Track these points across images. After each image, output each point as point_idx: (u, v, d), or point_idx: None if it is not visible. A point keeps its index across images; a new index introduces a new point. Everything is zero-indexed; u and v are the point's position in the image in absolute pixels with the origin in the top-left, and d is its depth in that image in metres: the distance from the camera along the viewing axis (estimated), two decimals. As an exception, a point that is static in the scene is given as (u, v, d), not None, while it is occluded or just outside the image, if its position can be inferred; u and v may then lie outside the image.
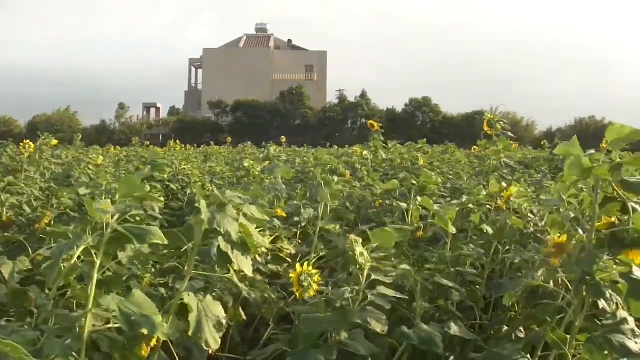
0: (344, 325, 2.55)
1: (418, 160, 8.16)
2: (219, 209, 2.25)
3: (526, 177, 6.89)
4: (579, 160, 2.17)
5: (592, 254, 2.20)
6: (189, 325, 2.12)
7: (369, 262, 2.68)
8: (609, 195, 2.25)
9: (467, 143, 21.31)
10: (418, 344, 2.55)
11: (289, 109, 67.64)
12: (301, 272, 2.63)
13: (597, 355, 2.11)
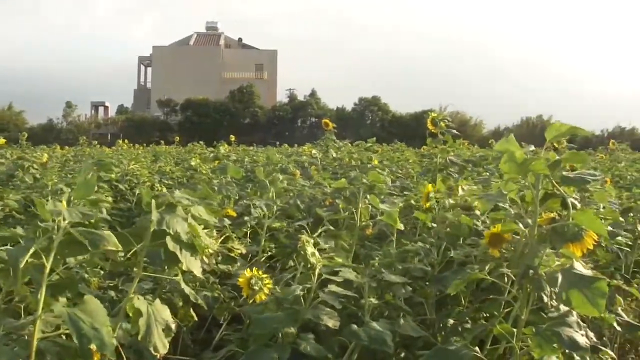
0: (296, 324, 2.56)
1: (371, 160, 8.21)
2: (167, 209, 2.24)
3: (474, 175, 6.98)
4: (514, 155, 2.22)
5: (535, 249, 2.25)
6: (136, 327, 2.10)
7: (320, 262, 2.70)
8: (549, 192, 2.31)
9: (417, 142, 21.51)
10: (368, 343, 2.57)
11: (239, 108, 67.31)
12: (251, 276, 2.64)
13: (546, 349, 2.16)
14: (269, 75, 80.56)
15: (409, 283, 3.18)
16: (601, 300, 2.11)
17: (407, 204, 4.21)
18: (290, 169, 7.00)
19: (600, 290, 2.12)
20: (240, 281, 2.67)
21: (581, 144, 18.21)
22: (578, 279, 2.15)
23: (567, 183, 2.23)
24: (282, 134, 59.30)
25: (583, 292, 2.12)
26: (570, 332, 2.17)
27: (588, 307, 2.12)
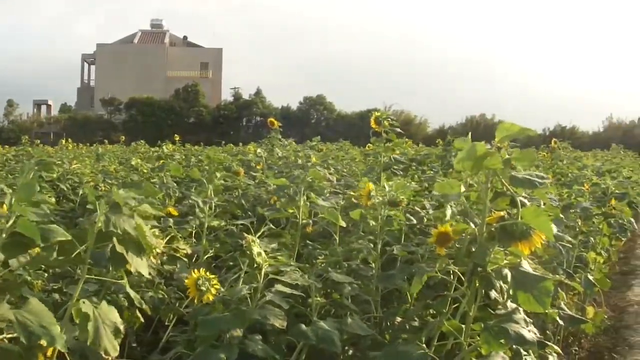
0: (243, 324, 2.54)
1: (311, 158, 8.22)
2: (113, 209, 2.19)
3: (419, 174, 7.04)
4: (473, 149, 2.24)
5: (483, 247, 2.28)
6: (85, 332, 2.05)
7: (266, 261, 2.68)
8: (498, 190, 2.33)
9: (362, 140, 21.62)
10: (316, 342, 2.57)
11: (184, 107, 66.75)
12: (198, 277, 2.61)
13: (493, 344, 2.18)
14: (214, 74, 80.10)
15: (355, 282, 3.19)
16: (547, 298, 2.16)
17: (349, 202, 4.23)
18: (234, 168, 6.96)
19: (547, 289, 2.17)
20: (187, 282, 2.64)
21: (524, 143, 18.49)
22: (525, 278, 2.20)
23: (516, 184, 2.25)
24: (228, 133, 59.02)
25: (530, 291, 2.16)
26: (517, 327, 2.19)
27: (534, 305, 2.16)
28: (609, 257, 6.76)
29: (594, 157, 17.91)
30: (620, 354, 5.53)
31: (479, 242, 2.34)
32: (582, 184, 6.84)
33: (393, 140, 5.60)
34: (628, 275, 8.87)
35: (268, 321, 2.56)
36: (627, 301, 7.42)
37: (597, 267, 5.61)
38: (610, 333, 6.11)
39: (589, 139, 65.80)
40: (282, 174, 6.74)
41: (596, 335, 5.76)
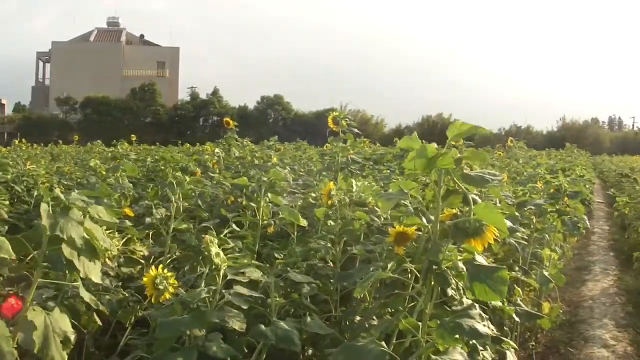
0: (202, 326, 2.52)
1: (270, 158, 8.21)
2: (62, 212, 2.14)
3: (375, 173, 7.08)
4: (424, 150, 2.26)
5: (437, 244, 2.30)
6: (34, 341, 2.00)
7: (224, 262, 2.67)
8: (450, 188, 2.36)
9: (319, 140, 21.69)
10: (276, 342, 2.57)
11: (140, 106, 65.93)
12: (155, 275, 2.57)
13: (448, 339, 2.20)
14: (170, 73, 79.28)
15: (314, 281, 3.20)
16: (503, 287, 2.20)
17: (306, 202, 4.24)
18: (190, 168, 6.90)
19: (502, 279, 2.21)
20: (144, 280, 2.60)
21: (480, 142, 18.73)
22: (480, 270, 2.23)
23: (468, 182, 2.29)
24: (185, 132, 58.51)
25: (486, 282, 2.19)
26: (472, 322, 2.22)
27: (491, 295, 2.20)
28: (563, 254, 6.87)
29: (548, 156, 18.22)
30: (576, 347, 5.63)
31: (432, 240, 2.36)
32: (536, 182, 6.95)
33: (350, 140, 5.62)
34: (582, 271, 9.04)
35: (227, 324, 2.56)
36: (581, 296, 7.55)
37: (552, 264, 5.70)
38: (565, 327, 6.23)
39: (543, 138, 66.95)
40: (239, 174, 6.73)
41: (552, 330, 5.86)
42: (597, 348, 5.56)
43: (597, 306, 7.00)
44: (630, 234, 10.17)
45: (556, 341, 5.82)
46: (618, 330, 6.09)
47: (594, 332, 6.02)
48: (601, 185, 24.80)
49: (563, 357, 5.47)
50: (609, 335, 5.90)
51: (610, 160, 35.23)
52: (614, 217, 14.23)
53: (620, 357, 5.36)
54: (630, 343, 5.77)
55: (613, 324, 6.31)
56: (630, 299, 7.44)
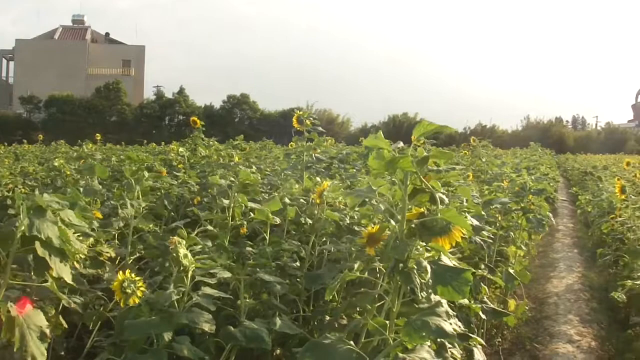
0: (171, 328, 2.51)
1: (234, 158, 8.18)
2: (37, 213, 2.14)
3: (342, 172, 7.09)
4: (382, 152, 2.28)
5: (404, 243, 2.32)
6: (9, 338, 1.99)
7: (193, 263, 2.66)
8: (417, 187, 2.38)
9: (285, 139, 21.68)
10: (245, 343, 2.57)
11: (106, 105, 65.14)
12: (123, 279, 2.56)
13: (415, 338, 2.20)
14: (136, 72, 78.55)
15: (284, 281, 3.20)
16: (466, 287, 2.23)
17: (280, 201, 4.23)
18: (156, 167, 6.86)
19: (466, 280, 2.23)
20: (113, 285, 2.59)
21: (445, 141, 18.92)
22: (445, 270, 2.25)
23: (434, 179, 2.31)
24: (150, 132, 58.06)
25: (450, 282, 2.21)
26: (438, 321, 2.24)
27: (454, 294, 2.22)
28: (528, 251, 6.96)
29: (513, 154, 18.39)
30: (542, 343, 5.70)
31: (399, 239, 2.38)
32: (501, 180, 7.02)
33: (315, 139, 5.63)
34: (547, 268, 9.14)
35: (196, 325, 2.55)
36: (546, 293, 7.64)
37: (517, 261, 5.77)
38: (531, 324, 6.30)
39: (508, 137, 67.52)
40: (204, 173, 6.70)
41: (518, 327, 5.93)
42: (563, 343, 5.64)
43: (562, 302, 7.09)
44: (594, 231, 10.30)
45: (522, 337, 5.89)
46: (583, 326, 6.18)
47: (559, 327, 6.11)
48: (565, 184, 25.11)
49: (529, 353, 5.54)
50: (574, 331, 5.98)
51: (574, 159, 35.64)
52: (578, 215, 14.41)
53: (584, 352, 5.44)
54: (594, 338, 5.86)
55: (578, 319, 6.40)
56: (594, 295, 7.55)
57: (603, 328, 6.31)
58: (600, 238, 9.31)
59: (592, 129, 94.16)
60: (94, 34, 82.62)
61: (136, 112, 66.52)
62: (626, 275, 6.13)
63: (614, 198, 8.90)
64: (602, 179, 13.43)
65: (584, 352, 5.44)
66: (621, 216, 7.90)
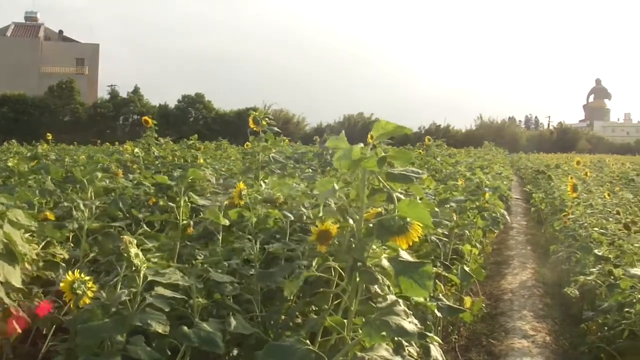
0: (124, 330, 2.48)
1: (196, 158, 8.13)
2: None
3: (298, 172, 7.09)
4: (349, 152, 2.28)
5: (362, 242, 2.32)
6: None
7: (144, 263, 2.62)
8: (375, 187, 2.39)
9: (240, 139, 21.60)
10: (199, 344, 2.55)
11: (59, 104, 64.14)
12: (73, 279, 2.51)
13: (375, 337, 2.20)
14: (90, 71, 77.59)
15: (237, 281, 3.18)
16: (429, 282, 2.22)
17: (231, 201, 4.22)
18: (112, 168, 6.78)
19: (427, 273, 2.23)
20: (62, 286, 2.53)
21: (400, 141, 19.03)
22: (405, 266, 2.25)
23: (393, 179, 2.32)
24: (104, 131, 57.44)
25: (412, 277, 2.21)
26: (398, 320, 2.23)
27: (417, 289, 2.22)
28: (483, 249, 7.03)
29: (467, 154, 18.60)
30: (497, 339, 5.78)
31: (357, 238, 2.38)
32: (456, 179, 7.09)
33: (270, 139, 5.63)
34: (502, 265, 9.26)
35: (150, 326, 2.52)
36: (501, 289, 7.74)
37: (472, 259, 5.83)
38: (487, 320, 6.38)
39: (462, 137, 68.35)
40: (160, 174, 6.64)
41: (474, 323, 5.99)
42: (518, 339, 5.71)
43: (516, 299, 7.18)
44: (547, 228, 10.47)
45: (478, 333, 5.95)
46: (537, 321, 6.27)
47: (514, 323, 6.18)
48: (519, 182, 25.48)
49: (485, 348, 5.60)
50: (529, 326, 6.07)
51: (527, 158, 36.21)
52: (531, 213, 14.63)
53: (539, 346, 5.52)
54: (548, 333, 5.95)
55: (532, 315, 6.49)
56: (547, 290, 7.66)
57: (557, 323, 6.41)
58: (553, 235, 9.45)
59: (545, 129, 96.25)
60: (47, 32, 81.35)
61: (90, 112, 65.73)
62: (579, 271, 6.23)
63: (566, 196, 9.05)
64: (553, 178, 13.64)
65: (538, 346, 5.52)
66: (573, 213, 8.05)
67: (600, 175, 15.72)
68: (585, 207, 8.12)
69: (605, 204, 8.60)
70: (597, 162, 26.44)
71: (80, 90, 67.61)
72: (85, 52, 78.77)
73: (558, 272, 7.82)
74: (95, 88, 76.13)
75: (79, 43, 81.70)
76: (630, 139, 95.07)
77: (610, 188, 11.53)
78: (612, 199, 9.55)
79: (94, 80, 77.37)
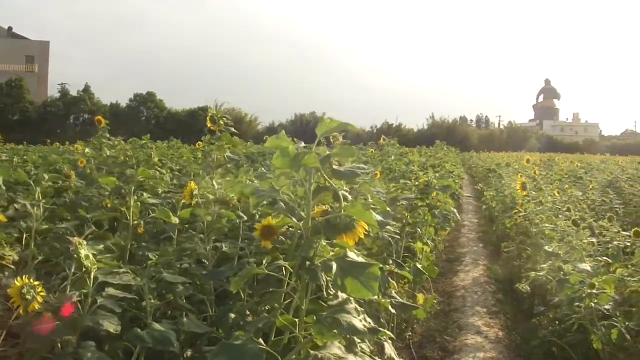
0: (75, 332, 2.45)
1: (150, 157, 8.07)
2: None
3: (251, 171, 7.08)
4: (287, 150, 2.29)
5: (309, 241, 2.32)
6: None
7: (95, 265, 2.60)
8: (321, 185, 2.40)
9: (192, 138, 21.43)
10: (153, 345, 2.53)
11: (7, 103, 62.83)
12: (22, 284, 2.46)
13: (327, 335, 2.22)
14: (40, 68, 76.11)
15: (188, 281, 3.17)
16: (374, 283, 2.23)
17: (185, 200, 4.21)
18: (65, 170, 6.68)
19: (373, 275, 2.24)
20: (10, 291, 2.48)
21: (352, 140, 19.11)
22: (352, 266, 2.26)
23: (338, 176, 2.33)
24: (54, 131, 56.39)
25: (358, 278, 2.22)
26: (349, 318, 2.25)
27: (363, 291, 2.22)
28: (435, 246, 7.11)
29: (419, 153, 18.75)
30: (451, 335, 5.85)
31: (304, 236, 2.38)
32: (408, 178, 7.15)
33: (225, 138, 5.61)
34: (454, 262, 9.38)
35: (102, 327, 2.49)
36: (454, 286, 7.84)
37: (424, 256, 5.89)
38: (440, 317, 6.45)
39: (414, 136, 68.95)
40: (111, 174, 6.56)
41: (428, 320, 6.06)
42: (471, 335, 5.79)
43: (469, 295, 7.28)
44: (498, 225, 10.61)
45: (432, 330, 6.02)
46: (490, 317, 6.37)
47: (467, 319, 6.27)
48: (470, 180, 25.83)
49: (439, 345, 5.66)
50: (482, 322, 6.16)
51: (478, 157, 36.66)
52: (482, 210, 14.82)
53: (492, 341, 5.61)
54: (501, 328, 6.05)
55: (485, 311, 6.59)
56: (499, 287, 7.78)
57: (509, 318, 6.52)
58: (504, 232, 9.60)
59: (496, 128, 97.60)
60: (-5, 28, 79.55)
61: (40, 111, 64.56)
62: (530, 267, 6.36)
63: (516, 194, 9.19)
64: (504, 176, 13.84)
65: (491, 342, 5.61)
66: (524, 211, 8.18)
67: (550, 174, 15.99)
68: (535, 204, 8.26)
69: (554, 202, 8.76)
70: (546, 160, 26.90)
71: (29, 88, 66.37)
72: (35, 49, 77.24)
73: (509, 268, 7.95)
74: (45, 86, 74.79)
75: (28, 40, 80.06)
76: (579, 138, 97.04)
77: (559, 186, 11.75)
78: (562, 197, 9.74)
79: (44, 79, 75.97)
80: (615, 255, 5.46)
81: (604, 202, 10.91)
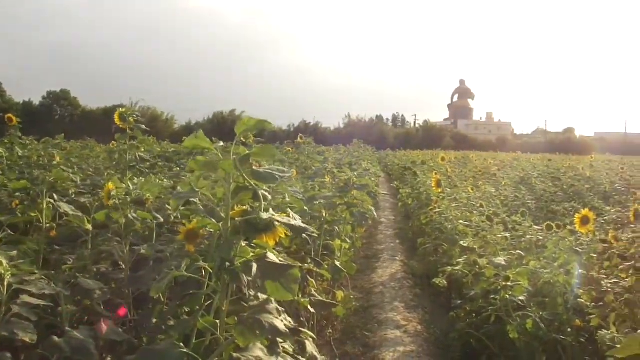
0: (-12, 343, 2.36)
1: (54, 157, 7.82)
2: None
3: (166, 171, 6.98)
4: (206, 152, 2.27)
5: (229, 241, 2.30)
6: None
7: (9, 271, 2.51)
8: (240, 185, 2.38)
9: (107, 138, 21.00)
10: (71, 354, 2.46)
11: None
12: None
13: (249, 337, 2.22)
14: (-56, 66, 73.20)
15: (105, 288, 3.10)
16: (294, 285, 2.25)
17: (100, 202, 4.10)
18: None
19: (293, 277, 2.25)
20: None
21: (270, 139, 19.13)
22: (272, 269, 2.26)
23: (257, 178, 2.31)
24: (-38, 130, 54.28)
25: (278, 280, 2.23)
26: (270, 318, 2.25)
27: (283, 293, 2.23)
28: (353, 244, 7.15)
29: (336, 151, 18.88)
30: (371, 331, 5.91)
31: (224, 237, 2.37)
32: (324, 176, 7.19)
33: (138, 138, 5.50)
34: (372, 259, 9.47)
35: (17, 336, 2.40)
36: (373, 283, 7.92)
37: (343, 254, 5.93)
38: (360, 313, 6.51)
39: (331, 134, 69.51)
40: (24, 175, 6.35)
41: (347, 317, 6.10)
42: (391, 329, 5.87)
43: (387, 291, 7.38)
44: (414, 222, 10.79)
45: (352, 327, 6.07)
46: (408, 312, 6.47)
47: (386, 315, 6.35)
48: (387, 178, 26.19)
49: (360, 341, 5.71)
50: (401, 317, 6.25)
51: (394, 155, 37.12)
52: (399, 207, 15.05)
53: (412, 335, 5.70)
54: (420, 322, 6.16)
55: (403, 306, 6.69)
56: (417, 282, 7.92)
57: (427, 312, 6.65)
58: (420, 228, 9.75)
59: (412, 127, 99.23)
60: None
61: (-54, 108, 61.99)
62: (446, 262, 6.48)
63: (432, 191, 9.36)
64: (419, 174, 14.09)
65: (411, 336, 5.70)
66: (439, 207, 8.33)
67: (464, 171, 16.38)
68: (450, 201, 8.44)
69: (469, 198, 8.97)
70: (461, 158, 27.52)
71: None
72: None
73: (426, 263, 8.09)
74: (-47, 83, 71.91)
75: None
76: (492, 137, 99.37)
77: (473, 183, 12.05)
78: (476, 193, 9.98)
79: (-49, 75, 73.00)
80: (528, 249, 5.62)
81: (516, 198, 11.25)
